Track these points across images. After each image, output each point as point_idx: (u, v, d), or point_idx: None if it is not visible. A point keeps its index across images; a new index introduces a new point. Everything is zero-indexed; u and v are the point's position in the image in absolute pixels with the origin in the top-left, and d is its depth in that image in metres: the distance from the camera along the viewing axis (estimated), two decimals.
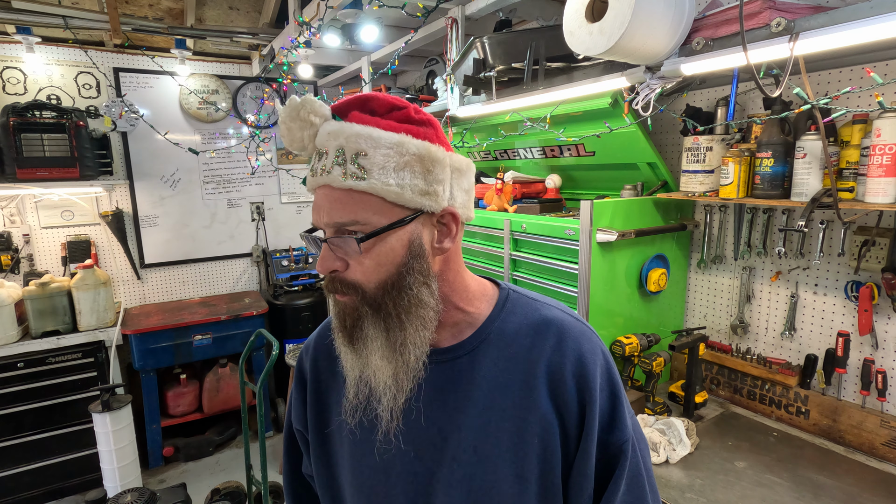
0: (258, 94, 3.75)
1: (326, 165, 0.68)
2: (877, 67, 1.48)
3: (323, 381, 0.85)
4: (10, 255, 3.08)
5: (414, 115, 0.71)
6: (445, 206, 0.71)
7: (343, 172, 0.66)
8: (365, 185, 0.66)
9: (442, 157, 0.70)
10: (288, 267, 3.81)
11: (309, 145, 0.72)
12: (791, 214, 1.70)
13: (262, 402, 2.36)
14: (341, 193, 0.67)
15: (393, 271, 0.69)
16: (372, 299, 0.70)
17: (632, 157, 1.97)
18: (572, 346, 0.74)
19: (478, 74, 1.81)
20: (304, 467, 0.94)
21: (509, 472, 0.71)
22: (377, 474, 0.76)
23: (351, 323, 0.72)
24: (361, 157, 0.66)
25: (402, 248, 0.69)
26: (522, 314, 0.77)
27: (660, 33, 1.14)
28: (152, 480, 3.09)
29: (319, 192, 0.70)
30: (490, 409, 0.72)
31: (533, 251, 2.05)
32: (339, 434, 0.80)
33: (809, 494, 1.35)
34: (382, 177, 0.66)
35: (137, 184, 3.48)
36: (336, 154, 0.67)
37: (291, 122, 0.70)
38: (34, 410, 2.79)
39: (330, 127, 0.69)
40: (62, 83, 3.20)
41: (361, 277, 0.69)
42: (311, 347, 0.88)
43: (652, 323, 1.99)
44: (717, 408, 1.86)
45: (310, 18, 2.47)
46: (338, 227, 0.68)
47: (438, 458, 0.73)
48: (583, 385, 0.72)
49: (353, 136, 0.67)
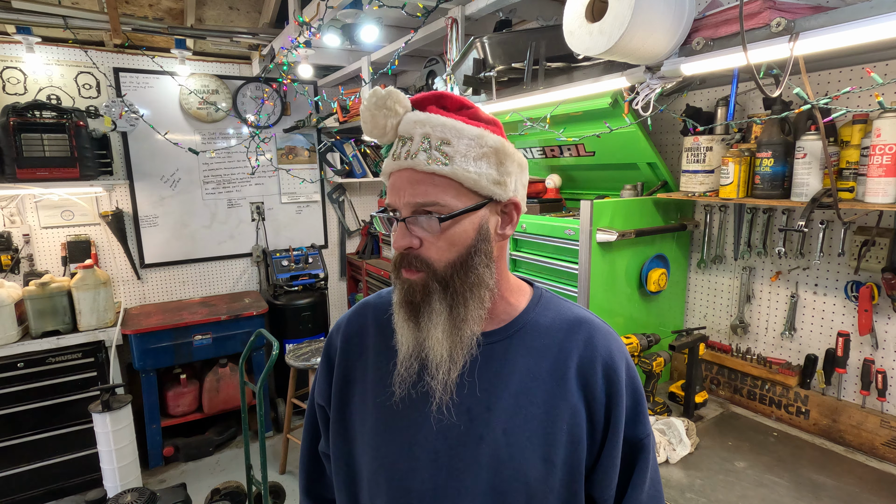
0: (258, 94, 3.75)
1: (412, 151, 0.73)
2: (877, 67, 1.48)
3: (351, 358, 0.87)
4: (10, 255, 3.07)
5: (482, 115, 0.78)
6: (511, 197, 0.77)
7: (428, 158, 0.72)
8: (448, 170, 0.72)
9: (512, 152, 0.77)
10: (288, 267, 3.81)
11: (390, 132, 0.77)
12: (791, 214, 1.70)
13: (262, 402, 2.36)
14: (424, 176, 0.73)
15: (463, 252, 0.74)
16: (441, 276, 0.74)
17: (632, 157, 1.97)
18: (602, 344, 0.79)
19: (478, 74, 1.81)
20: (322, 445, 0.96)
21: (536, 456, 0.74)
22: (401, 450, 0.77)
23: (420, 298, 0.75)
24: (445, 145, 0.73)
25: (473, 231, 0.75)
26: (556, 311, 0.83)
27: (660, 33, 1.14)
28: (152, 480, 3.09)
29: (400, 175, 0.75)
30: (521, 394, 0.76)
31: (533, 251, 2.05)
32: (362, 411, 0.83)
33: (809, 494, 1.35)
34: (463, 164, 0.73)
35: (137, 184, 3.48)
36: (421, 140, 0.73)
37: (377, 111, 0.76)
38: (34, 410, 2.79)
39: (416, 116, 0.75)
40: (62, 83, 3.20)
41: (435, 255, 0.74)
42: (344, 325, 0.91)
43: (652, 323, 1.99)
44: (717, 408, 1.86)
45: (310, 18, 2.47)
46: (417, 208, 0.73)
47: (465, 438, 0.75)
48: (611, 380, 0.77)
49: (440, 126, 0.73)
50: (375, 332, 0.87)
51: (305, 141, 4.04)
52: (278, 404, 3.74)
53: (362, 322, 0.90)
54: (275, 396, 3.81)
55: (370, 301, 0.93)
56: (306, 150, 4.05)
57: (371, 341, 0.87)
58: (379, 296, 0.93)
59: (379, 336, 0.86)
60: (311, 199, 4.14)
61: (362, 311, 0.91)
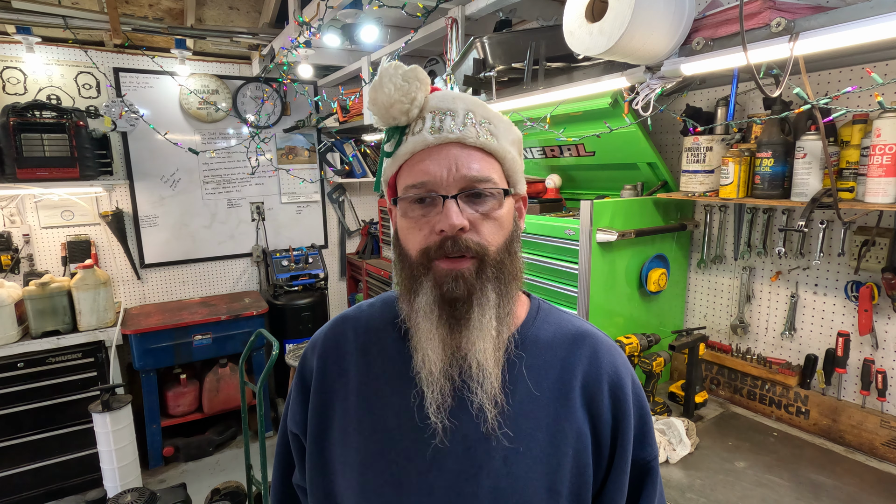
0: (258, 94, 3.75)
1: (457, 123, 0.68)
2: (877, 67, 1.48)
3: (328, 382, 0.78)
4: (10, 255, 3.07)
5: None
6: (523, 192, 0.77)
7: (476, 133, 0.68)
8: (497, 145, 0.69)
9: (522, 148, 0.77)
10: (288, 267, 3.81)
11: (415, 109, 0.70)
12: (791, 214, 1.70)
13: (262, 402, 2.36)
14: (474, 151, 0.69)
15: (508, 236, 0.71)
16: (494, 261, 0.68)
17: (632, 157, 1.97)
18: (608, 360, 0.74)
19: (478, 74, 1.81)
20: (296, 478, 0.86)
21: (541, 486, 0.67)
22: (391, 485, 0.69)
23: (468, 290, 0.66)
24: (488, 123, 0.70)
25: (511, 217, 0.72)
26: (556, 324, 0.77)
27: (660, 33, 1.14)
28: (152, 480, 3.08)
29: (443, 150, 0.68)
30: (522, 417, 0.69)
31: (533, 251, 2.05)
32: (343, 441, 0.73)
33: (809, 494, 1.35)
34: (506, 144, 0.70)
35: (137, 184, 3.48)
36: (465, 115, 0.69)
37: (408, 82, 0.69)
38: (34, 410, 2.79)
39: (453, 93, 0.72)
40: (62, 83, 3.20)
41: (488, 237, 0.68)
42: (319, 344, 0.81)
43: (652, 323, 1.99)
44: (717, 408, 1.86)
45: (310, 18, 2.47)
46: (469, 183, 0.67)
47: (462, 469, 0.68)
48: (617, 398, 0.72)
49: (480, 105, 0.71)
50: (356, 351, 0.77)
51: (305, 141, 4.04)
52: (278, 404, 3.74)
53: (340, 340, 0.79)
54: (275, 396, 3.81)
55: (348, 315, 0.83)
56: (306, 150, 4.05)
57: (352, 362, 0.77)
58: (358, 308, 0.84)
59: (361, 356, 0.77)
60: (311, 199, 4.14)
61: (340, 327, 0.81)
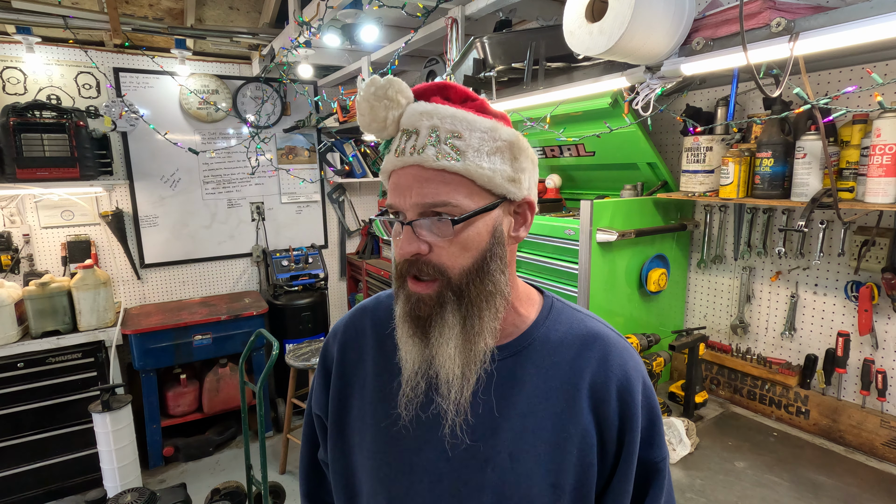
0: (258, 94, 3.75)
1: (418, 145, 0.66)
2: (877, 67, 1.48)
3: (348, 368, 0.82)
4: (10, 255, 3.07)
5: (489, 107, 0.72)
6: (525, 195, 0.71)
7: (437, 153, 0.65)
8: (460, 166, 0.65)
9: (526, 146, 0.71)
10: (288, 267, 3.81)
11: (391, 126, 0.69)
12: (791, 214, 1.70)
13: (261, 402, 2.36)
14: (433, 174, 0.66)
15: (477, 256, 0.68)
16: (456, 285, 0.68)
17: (632, 157, 1.97)
18: (618, 363, 0.73)
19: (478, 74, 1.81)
20: (321, 454, 0.92)
21: (544, 482, 0.69)
22: (402, 471, 0.73)
23: (428, 311, 0.68)
24: (456, 138, 0.66)
25: (487, 234, 0.69)
26: (567, 324, 0.76)
27: (660, 33, 1.14)
28: (152, 480, 3.08)
29: (405, 173, 0.67)
30: (529, 416, 0.71)
31: (533, 251, 2.04)
32: (361, 427, 0.78)
33: (809, 494, 1.35)
34: (476, 159, 0.66)
35: (137, 184, 3.48)
36: (429, 134, 0.66)
37: (376, 102, 0.68)
38: (34, 410, 2.79)
39: (422, 107, 0.68)
40: (62, 83, 3.20)
41: (448, 261, 0.67)
42: (340, 332, 0.86)
43: (652, 323, 1.99)
44: (717, 408, 1.86)
45: (310, 18, 2.47)
46: (425, 209, 0.66)
47: (469, 461, 0.70)
48: (625, 403, 0.71)
49: (449, 117, 0.67)
50: (374, 342, 0.82)
51: (305, 141, 4.04)
52: (278, 404, 3.74)
53: (359, 329, 0.84)
54: (275, 396, 3.81)
55: (367, 306, 0.87)
56: (306, 150, 4.05)
57: (369, 352, 0.81)
58: (377, 299, 0.87)
59: (377, 347, 0.81)
60: (311, 199, 4.14)
61: (359, 317, 0.85)
